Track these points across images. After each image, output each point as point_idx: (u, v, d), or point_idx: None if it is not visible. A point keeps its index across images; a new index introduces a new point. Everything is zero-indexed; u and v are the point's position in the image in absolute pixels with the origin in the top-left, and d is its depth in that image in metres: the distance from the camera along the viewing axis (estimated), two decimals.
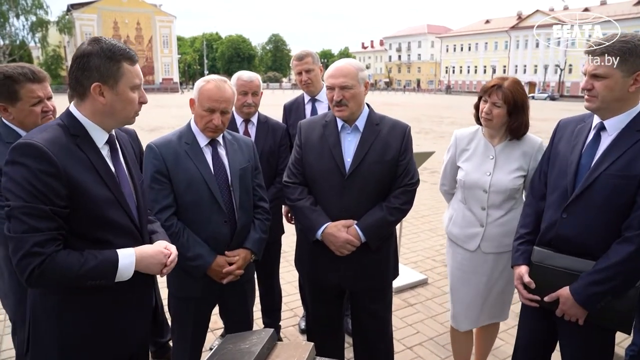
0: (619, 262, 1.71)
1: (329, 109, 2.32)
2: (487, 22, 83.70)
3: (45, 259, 1.34)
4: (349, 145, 2.25)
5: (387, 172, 2.23)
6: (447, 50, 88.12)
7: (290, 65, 3.26)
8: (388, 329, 2.48)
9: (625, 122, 1.77)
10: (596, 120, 1.87)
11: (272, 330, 1.83)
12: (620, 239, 1.75)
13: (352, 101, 2.18)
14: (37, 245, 1.33)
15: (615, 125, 1.79)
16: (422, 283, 4.43)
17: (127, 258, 1.49)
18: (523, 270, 2.05)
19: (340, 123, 2.27)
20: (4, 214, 1.66)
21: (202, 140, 2.17)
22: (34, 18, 52.95)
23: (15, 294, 1.94)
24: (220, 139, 2.21)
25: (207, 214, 2.13)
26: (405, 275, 4.51)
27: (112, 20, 62.82)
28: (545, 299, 1.90)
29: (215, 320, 3.42)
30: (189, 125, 2.21)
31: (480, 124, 2.41)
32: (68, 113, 1.50)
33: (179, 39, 78.38)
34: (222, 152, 2.21)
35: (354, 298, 2.42)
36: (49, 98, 1.98)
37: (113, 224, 1.51)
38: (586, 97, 1.79)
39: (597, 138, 1.85)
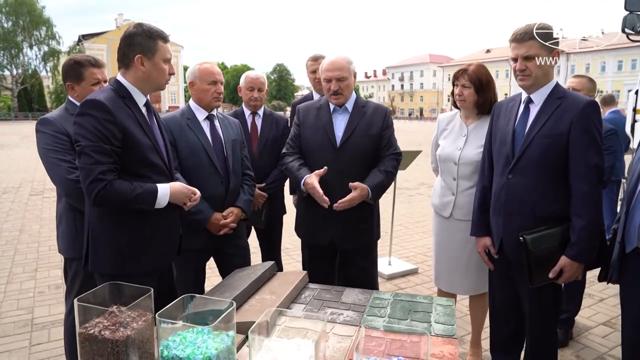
0: (585, 226, 2.08)
1: None
2: (488, 51, 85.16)
3: (106, 184, 1.79)
4: (340, 124, 2.69)
5: (372, 145, 2.67)
6: (449, 79, 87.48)
7: (305, 65, 3.71)
8: (375, 283, 2.87)
9: (546, 93, 2.21)
10: (524, 95, 2.29)
11: (272, 262, 2.24)
12: (572, 215, 2.12)
13: (346, 90, 2.65)
14: (101, 174, 1.78)
15: (539, 97, 2.22)
16: (413, 272, 4.80)
17: (164, 190, 1.94)
18: (488, 242, 2.45)
19: (332, 106, 2.72)
20: (67, 178, 2.13)
21: (201, 116, 2.64)
22: (46, 48, 54.72)
23: (70, 235, 2.36)
24: (215, 113, 2.70)
25: (207, 176, 2.55)
26: (398, 265, 4.90)
27: None
28: (550, 275, 2.18)
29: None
30: (188, 105, 2.70)
31: (457, 107, 2.84)
32: (116, 81, 1.97)
33: (186, 68, 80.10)
34: (217, 125, 2.69)
35: (345, 256, 2.82)
36: (105, 81, 2.46)
37: (152, 164, 1.96)
38: (520, 77, 2.21)
39: (526, 110, 2.27)
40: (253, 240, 3.48)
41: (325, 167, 2.54)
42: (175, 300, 1.31)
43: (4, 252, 5.33)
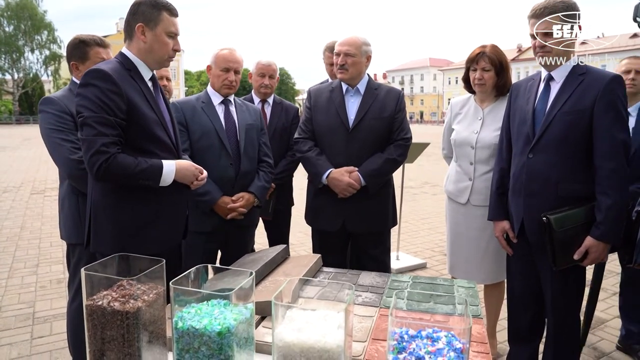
0: (612, 205, 1.98)
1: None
2: None
3: (109, 157, 1.70)
4: (352, 106, 2.63)
5: (384, 127, 2.60)
6: (449, 83, 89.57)
7: (322, 55, 3.60)
8: (387, 272, 2.78)
9: (568, 69, 2.12)
10: (544, 73, 2.21)
11: (285, 245, 2.15)
12: (598, 194, 2.02)
13: (352, 67, 2.58)
14: (104, 146, 1.69)
15: (561, 74, 2.14)
16: (422, 267, 4.71)
17: (169, 166, 1.85)
18: (507, 225, 2.36)
19: (344, 87, 2.65)
20: (70, 158, 2.05)
21: (216, 100, 2.61)
22: (47, 52, 54.79)
23: (73, 219, 2.27)
24: (232, 99, 2.65)
25: (217, 158, 2.50)
26: (406, 259, 4.81)
27: None
28: (575, 256, 2.08)
29: None
30: (206, 90, 2.68)
31: (472, 92, 2.74)
32: (121, 53, 1.90)
33: (186, 72, 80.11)
34: (232, 109, 2.65)
35: (356, 242, 2.74)
36: None
37: (158, 140, 1.87)
38: (540, 53, 2.13)
39: (547, 87, 2.19)
40: (261, 235, 3.39)
41: (355, 168, 2.56)
42: (189, 270, 1.22)
43: (4, 248, 5.24)
